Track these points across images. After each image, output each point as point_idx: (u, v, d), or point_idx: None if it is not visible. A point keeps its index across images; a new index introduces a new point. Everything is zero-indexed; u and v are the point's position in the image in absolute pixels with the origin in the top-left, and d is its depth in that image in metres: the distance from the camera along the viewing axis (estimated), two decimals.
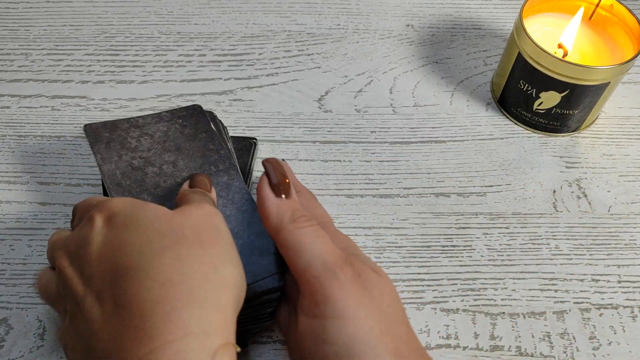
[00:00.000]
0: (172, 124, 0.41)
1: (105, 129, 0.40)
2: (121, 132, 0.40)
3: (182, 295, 0.26)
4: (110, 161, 0.38)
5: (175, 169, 0.39)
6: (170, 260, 0.27)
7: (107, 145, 0.39)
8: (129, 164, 0.38)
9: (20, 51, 0.55)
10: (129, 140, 0.40)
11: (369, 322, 0.28)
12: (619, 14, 0.48)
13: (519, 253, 0.43)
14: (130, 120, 0.41)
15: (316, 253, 0.30)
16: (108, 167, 0.38)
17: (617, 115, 0.52)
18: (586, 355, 0.39)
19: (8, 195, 0.45)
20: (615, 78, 0.45)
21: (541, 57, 0.45)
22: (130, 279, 0.27)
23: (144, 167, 0.38)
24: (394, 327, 0.29)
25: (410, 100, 0.52)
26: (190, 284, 0.27)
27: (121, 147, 0.39)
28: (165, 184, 0.38)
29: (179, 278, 0.27)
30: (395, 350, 0.28)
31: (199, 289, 0.27)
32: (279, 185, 0.32)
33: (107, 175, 0.38)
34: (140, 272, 0.27)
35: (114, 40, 0.56)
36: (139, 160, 0.39)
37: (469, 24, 0.59)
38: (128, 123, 0.41)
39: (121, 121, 0.41)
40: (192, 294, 0.27)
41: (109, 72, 0.53)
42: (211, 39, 0.56)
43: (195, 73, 0.54)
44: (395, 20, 0.59)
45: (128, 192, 0.37)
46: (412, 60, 0.55)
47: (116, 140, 0.40)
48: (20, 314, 0.40)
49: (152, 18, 0.58)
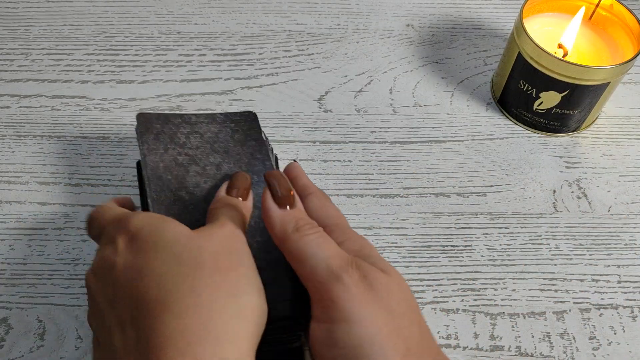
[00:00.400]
0: (224, 126, 0.40)
1: (157, 120, 0.39)
2: (172, 126, 0.39)
3: (198, 329, 0.26)
4: (156, 153, 0.37)
5: (219, 172, 0.38)
6: (188, 291, 0.28)
7: (156, 137, 0.38)
8: (173, 159, 0.37)
9: (20, 51, 0.55)
10: (178, 135, 0.39)
11: (377, 324, 0.28)
12: (619, 14, 0.48)
13: (519, 253, 0.43)
14: (183, 116, 0.40)
15: (320, 259, 0.30)
16: (152, 157, 0.37)
17: (617, 115, 0.52)
18: (586, 355, 0.39)
19: (8, 195, 0.45)
20: (615, 78, 0.45)
21: (541, 57, 0.45)
22: (149, 310, 0.27)
23: (187, 165, 0.37)
24: (405, 327, 0.29)
25: (410, 100, 0.52)
26: (207, 317, 0.27)
27: (170, 140, 0.38)
28: (206, 185, 0.37)
29: (196, 311, 0.27)
30: (406, 351, 0.28)
31: (216, 322, 0.27)
32: (282, 198, 0.33)
33: (150, 166, 0.37)
34: (158, 304, 0.27)
35: (114, 40, 0.56)
36: (184, 157, 0.38)
37: (469, 24, 0.59)
38: (180, 119, 0.40)
39: (174, 115, 0.40)
40: (208, 328, 0.27)
41: (109, 72, 0.53)
42: (211, 39, 0.56)
43: (195, 73, 0.54)
44: (395, 20, 0.59)
45: (166, 187, 0.36)
46: (412, 60, 0.55)
47: (166, 133, 0.39)
48: (20, 313, 0.40)
49: (152, 18, 0.58)
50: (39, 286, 0.41)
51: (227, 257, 0.29)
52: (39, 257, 0.42)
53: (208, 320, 0.27)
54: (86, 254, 0.42)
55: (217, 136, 0.39)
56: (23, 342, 0.38)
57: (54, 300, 0.40)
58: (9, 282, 0.41)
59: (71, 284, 0.41)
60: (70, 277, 0.41)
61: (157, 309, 0.27)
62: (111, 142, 0.48)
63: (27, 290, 0.41)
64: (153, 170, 0.37)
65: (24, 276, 0.41)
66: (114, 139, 0.49)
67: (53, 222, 0.44)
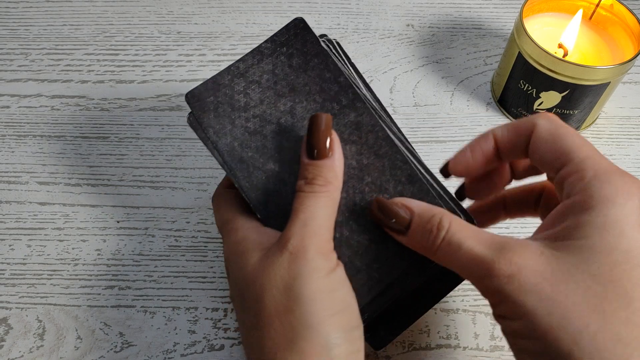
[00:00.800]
0: (277, 57, 0.34)
1: (208, 91, 0.33)
2: (226, 89, 0.33)
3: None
4: (225, 133, 0.32)
5: (295, 119, 0.32)
6: (248, 346, 0.29)
7: (216, 112, 0.33)
8: (244, 130, 0.32)
9: (20, 51, 0.55)
10: (236, 97, 0.33)
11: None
12: (619, 14, 0.48)
13: None
14: (230, 69, 0.33)
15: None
16: (224, 141, 0.32)
17: (618, 115, 0.52)
18: None
19: (8, 195, 0.45)
20: (616, 78, 0.45)
21: (541, 57, 0.45)
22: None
23: (261, 129, 0.32)
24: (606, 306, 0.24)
25: (411, 100, 0.52)
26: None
27: (231, 108, 0.33)
28: (289, 142, 0.32)
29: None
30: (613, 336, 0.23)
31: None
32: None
33: (227, 152, 0.32)
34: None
35: (114, 39, 0.56)
36: (253, 122, 0.32)
37: (469, 23, 0.59)
38: (229, 74, 0.33)
39: (221, 74, 0.33)
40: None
41: (108, 72, 0.53)
42: (211, 39, 0.56)
43: (195, 73, 0.54)
44: (395, 20, 0.59)
45: (253, 167, 0.32)
46: (412, 60, 0.55)
47: (223, 102, 0.33)
48: (20, 314, 0.40)
49: (151, 17, 0.58)
50: (39, 286, 0.41)
51: (285, 296, 0.28)
52: (38, 257, 0.42)
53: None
54: (85, 254, 0.42)
55: (274, 74, 0.33)
56: (23, 342, 0.38)
57: (53, 300, 0.40)
58: (9, 282, 0.41)
59: (71, 284, 0.41)
60: (70, 277, 0.41)
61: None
62: (111, 142, 0.48)
63: (27, 291, 0.41)
64: (232, 155, 0.32)
65: (24, 276, 0.41)
66: (114, 139, 0.49)
67: (53, 222, 0.44)
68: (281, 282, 0.28)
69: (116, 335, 0.39)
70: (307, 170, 0.30)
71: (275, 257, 0.28)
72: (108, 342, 0.38)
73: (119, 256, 0.42)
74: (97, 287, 0.41)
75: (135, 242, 0.43)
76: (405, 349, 0.39)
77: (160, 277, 0.41)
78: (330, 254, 0.29)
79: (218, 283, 0.41)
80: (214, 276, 0.42)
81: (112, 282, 0.41)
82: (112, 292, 0.41)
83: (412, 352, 0.38)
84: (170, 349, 0.38)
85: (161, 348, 0.38)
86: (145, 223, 0.44)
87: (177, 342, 0.39)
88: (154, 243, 0.43)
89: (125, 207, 0.45)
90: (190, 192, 0.46)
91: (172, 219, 0.44)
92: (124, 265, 0.42)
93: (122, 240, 0.43)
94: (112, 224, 0.44)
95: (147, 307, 0.40)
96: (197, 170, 0.47)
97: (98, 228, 0.44)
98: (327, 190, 0.30)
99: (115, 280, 0.41)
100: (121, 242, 0.43)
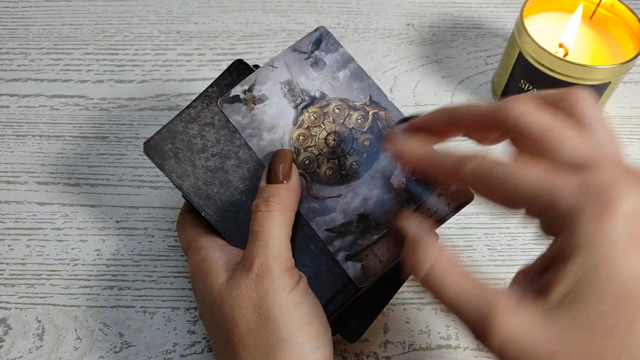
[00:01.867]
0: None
1: (164, 140, 0.35)
2: (181, 135, 0.35)
3: None
4: (187, 175, 0.34)
5: (251, 149, 0.35)
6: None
7: (176, 158, 0.35)
8: (206, 169, 0.34)
9: (19, 50, 0.55)
10: (193, 141, 0.35)
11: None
12: (620, 14, 0.48)
13: (520, 253, 0.43)
14: (182, 117, 0.35)
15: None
16: (188, 182, 0.34)
17: (618, 115, 0.52)
18: None
19: (7, 195, 0.45)
20: (616, 78, 0.45)
21: (542, 56, 0.44)
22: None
23: (222, 165, 0.34)
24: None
25: (411, 100, 0.52)
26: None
27: (190, 152, 0.35)
28: (250, 172, 0.34)
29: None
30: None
31: None
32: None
33: (194, 192, 0.34)
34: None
35: (113, 39, 0.56)
36: (213, 160, 0.35)
37: (469, 23, 0.59)
38: (181, 121, 0.35)
39: (173, 122, 0.35)
40: None
41: (108, 72, 0.53)
42: (211, 38, 0.56)
43: (195, 72, 0.53)
44: (395, 20, 0.59)
45: (220, 201, 0.34)
46: (413, 60, 0.55)
47: (181, 147, 0.35)
48: (19, 314, 0.40)
49: (151, 17, 0.58)
50: (38, 286, 0.41)
51: (255, 314, 0.30)
52: (37, 257, 0.42)
53: None
54: (85, 254, 0.42)
55: (224, 115, 0.35)
56: (22, 342, 0.38)
57: (52, 300, 0.40)
58: (8, 283, 0.41)
59: (70, 284, 0.41)
60: (69, 277, 0.41)
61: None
62: (110, 142, 0.48)
63: (26, 291, 0.41)
64: (197, 194, 0.34)
65: (23, 276, 0.41)
66: (113, 139, 0.48)
67: (52, 222, 0.44)
68: (250, 302, 0.29)
69: (116, 336, 0.39)
70: (264, 192, 0.32)
71: (242, 279, 0.30)
72: (107, 343, 0.38)
73: (119, 256, 0.42)
74: (96, 287, 0.41)
75: (134, 242, 0.43)
76: (406, 350, 0.38)
77: (160, 277, 0.41)
78: (292, 270, 0.31)
79: None
80: None
81: (111, 282, 0.41)
82: (111, 292, 0.41)
83: (412, 353, 0.38)
84: (170, 349, 0.38)
85: (161, 348, 0.38)
86: (144, 223, 0.44)
87: (176, 342, 0.39)
88: (153, 243, 0.43)
89: (125, 207, 0.45)
90: None
91: (171, 219, 0.44)
92: (124, 265, 0.42)
93: (122, 240, 0.43)
94: (112, 224, 0.44)
95: (147, 308, 0.40)
96: None
97: (97, 228, 0.43)
98: (282, 209, 0.31)
99: (115, 280, 0.41)
100: (120, 242, 0.43)
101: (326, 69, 0.36)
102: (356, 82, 0.36)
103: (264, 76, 0.35)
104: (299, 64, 0.36)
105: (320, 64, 0.36)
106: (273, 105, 0.35)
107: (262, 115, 0.35)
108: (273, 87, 0.35)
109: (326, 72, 0.36)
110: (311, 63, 0.36)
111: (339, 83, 0.36)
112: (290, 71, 0.36)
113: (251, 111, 0.35)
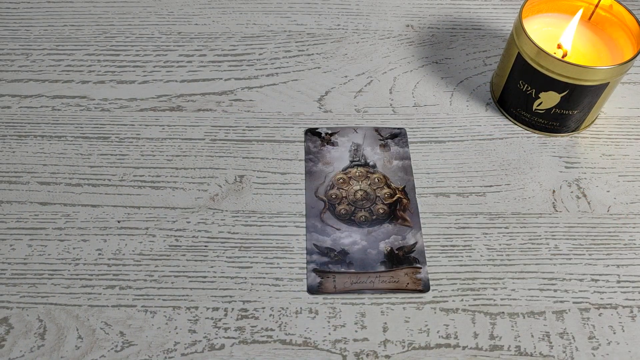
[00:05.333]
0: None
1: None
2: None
3: None
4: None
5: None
6: None
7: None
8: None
9: (21, 51, 0.55)
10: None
11: None
12: (618, 15, 0.48)
13: (519, 253, 0.43)
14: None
15: None
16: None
17: (617, 116, 0.52)
18: (585, 355, 0.39)
19: (9, 195, 0.45)
20: (615, 78, 0.45)
21: (541, 57, 0.45)
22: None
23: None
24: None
25: (410, 101, 0.52)
26: None
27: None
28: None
29: None
30: None
31: None
32: None
33: None
34: None
35: (115, 40, 0.56)
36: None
37: (468, 24, 0.59)
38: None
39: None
40: None
41: (109, 72, 0.54)
42: (211, 39, 0.56)
43: (196, 73, 0.54)
44: (395, 21, 0.59)
45: None
46: (412, 61, 0.55)
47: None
48: (21, 313, 0.40)
49: (152, 18, 0.58)
50: (40, 286, 0.41)
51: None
52: (39, 256, 0.42)
53: None
54: (86, 253, 0.42)
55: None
56: (23, 341, 0.39)
57: (54, 300, 0.40)
58: (10, 282, 0.41)
59: (72, 284, 0.41)
60: (71, 276, 0.41)
61: None
62: (112, 142, 0.48)
63: (28, 290, 0.41)
64: None
65: (25, 276, 0.41)
66: (115, 139, 0.49)
67: (54, 222, 0.44)
68: None
69: (117, 335, 0.39)
70: None
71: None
72: (109, 342, 0.39)
73: (120, 256, 0.42)
74: (97, 286, 0.41)
75: (135, 242, 0.43)
76: (405, 349, 0.39)
77: (161, 276, 0.42)
78: None
79: (218, 283, 0.41)
80: (214, 276, 0.42)
81: (112, 281, 0.41)
82: (112, 291, 0.41)
83: (411, 352, 0.39)
84: (171, 348, 0.38)
85: (162, 347, 0.38)
86: (145, 223, 0.44)
87: (177, 341, 0.39)
88: (154, 243, 0.43)
89: (126, 207, 0.45)
90: (191, 192, 0.46)
91: (172, 218, 0.44)
92: (125, 265, 0.42)
93: (123, 240, 0.43)
94: (113, 224, 0.44)
95: (148, 307, 0.40)
96: (198, 170, 0.47)
97: (99, 228, 0.44)
98: None
99: (116, 280, 0.41)
100: (122, 242, 0.43)
101: (388, 153, 0.47)
102: (402, 173, 0.47)
103: (345, 132, 0.48)
104: (372, 140, 0.48)
105: (386, 148, 0.48)
106: (338, 152, 0.47)
107: (327, 153, 0.47)
108: (347, 142, 0.48)
109: (387, 155, 0.47)
110: (381, 144, 0.48)
111: (390, 166, 0.47)
112: (364, 140, 0.48)
113: (322, 146, 0.48)
